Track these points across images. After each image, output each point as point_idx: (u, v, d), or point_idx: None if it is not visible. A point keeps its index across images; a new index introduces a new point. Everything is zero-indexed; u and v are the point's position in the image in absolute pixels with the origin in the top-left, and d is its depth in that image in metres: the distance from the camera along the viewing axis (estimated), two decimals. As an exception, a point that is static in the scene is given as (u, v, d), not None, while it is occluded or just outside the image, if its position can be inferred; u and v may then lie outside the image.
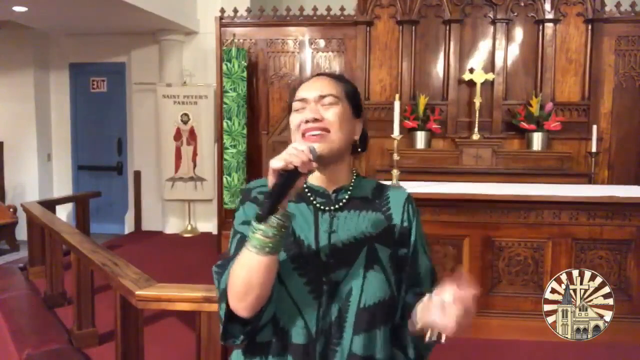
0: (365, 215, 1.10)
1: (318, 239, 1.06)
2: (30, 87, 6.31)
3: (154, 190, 6.32)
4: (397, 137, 3.57)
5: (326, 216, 1.09)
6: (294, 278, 1.03)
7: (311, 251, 1.05)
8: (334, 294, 1.04)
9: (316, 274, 1.04)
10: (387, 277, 1.07)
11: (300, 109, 1.10)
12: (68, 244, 3.02)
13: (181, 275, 4.26)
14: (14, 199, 6.10)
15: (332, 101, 1.08)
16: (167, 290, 1.93)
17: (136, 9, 4.89)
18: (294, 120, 1.10)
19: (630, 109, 5.20)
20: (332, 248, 1.05)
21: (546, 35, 5.19)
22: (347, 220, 1.09)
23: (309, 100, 1.09)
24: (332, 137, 1.07)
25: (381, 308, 1.06)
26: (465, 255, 3.28)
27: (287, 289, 1.03)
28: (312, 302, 1.03)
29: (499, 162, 5.08)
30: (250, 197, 1.12)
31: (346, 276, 1.04)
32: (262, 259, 0.94)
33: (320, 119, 1.07)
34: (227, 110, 5.38)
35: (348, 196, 1.11)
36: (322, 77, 1.14)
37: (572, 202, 3.19)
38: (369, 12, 5.38)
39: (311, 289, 1.03)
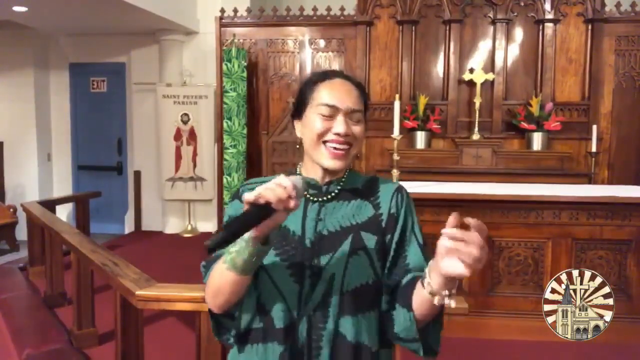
0: (354, 204, 1.11)
1: (304, 227, 1.08)
2: (30, 87, 6.31)
3: (154, 190, 6.32)
4: (397, 137, 3.58)
5: (315, 206, 1.10)
6: (276, 263, 1.05)
7: (295, 237, 1.07)
8: (318, 279, 1.04)
9: (299, 258, 1.05)
10: (372, 262, 1.07)
11: (328, 116, 1.08)
12: (68, 244, 3.02)
13: (181, 275, 4.25)
14: (14, 199, 6.10)
15: (360, 118, 1.10)
16: (167, 290, 1.93)
17: (136, 9, 4.89)
18: (317, 126, 1.08)
19: (630, 109, 5.20)
20: (317, 235, 1.07)
21: (546, 35, 5.19)
22: (335, 210, 1.10)
23: (340, 110, 1.08)
24: (352, 152, 1.10)
25: (365, 292, 1.05)
26: (465, 255, 3.27)
27: (269, 274, 1.05)
28: (294, 286, 1.04)
29: (499, 162, 5.08)
30: (239, 194, 1.14)
31: (329, 261, 1.05)
32: (233, 275, 0.96)
33: (350, 134, 1.08)
34: (227, 110, 5.37)
35: (339, 188, 1.12)
36: (347, 84, 1.11)
37: (572, 202, 3.19)
38: (369, 12, 5.38)
39: (292, 273, 1.04)
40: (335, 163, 1.08)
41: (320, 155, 1.09)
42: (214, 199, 5.93)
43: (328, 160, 1.08)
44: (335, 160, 1.08)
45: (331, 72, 1.14)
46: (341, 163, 1.09)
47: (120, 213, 6.56)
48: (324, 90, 1.09)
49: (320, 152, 1.09)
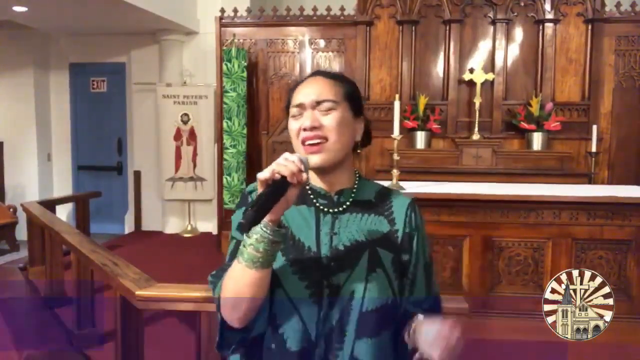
0: (368, 218, 1.07)
1: (319, 241, 1.04)
2: (30, 87, 6.31)
3: (154, 190, 6.32)
4: (397, 137, 3.57)
5: (328, 218, 1.06)
6: (294, 282, 1.01)
7: (311, 253, 1.02)
8: (335, 298, 1.00)
9: (317, 276, 1.01)
10: (390, 281, 1.04)
11: (297, 115, 1.06)
12: (68, 244, 3.02)
13: (181, 275, 4.26)
14: (14, 199, 6.09)
15: (330, 106, 1.04)
16: (167, 290, 1.93)
17: (136, 9, 4.89)
18: (293, 127, 1.07)
19: (630, 109, 5.20)
20: (333, 251, 1.03)
21: (546, 35, 5.19)
22: (349, 223, 1.06)
23: (305, 105, 1.05)
24: (330, 146, 1.03)
25: (384, 312, 1.03)
26: (465, 255, 3.28)
27: (286, 293, 1.00)
28: (312, 306, 1.00)
29: (499, 162, 5.08)
30: (247, 201, 1.09)
31: (348, 279, 1.01)
32: (252, 272, 0.92)
33: (318, 126, 1.03)
34: (227, 110, 5.37)
35: (352, 199, 1.08)
36: (318, 78, 1.09)
37: (572, 202, 3.19)
38: (369, 12, 5.38)
39: (311, 293, 1.00)
40: (312, 159, 1.02)
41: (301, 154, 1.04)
42: (214, 199, 5.93)
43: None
44: (311, 156, 1.03)
45: (310, 74, 1.13)
46: (318, 158, 1.03)
47: (120, 213, 6.56)
48: (296, 94, 1.08)
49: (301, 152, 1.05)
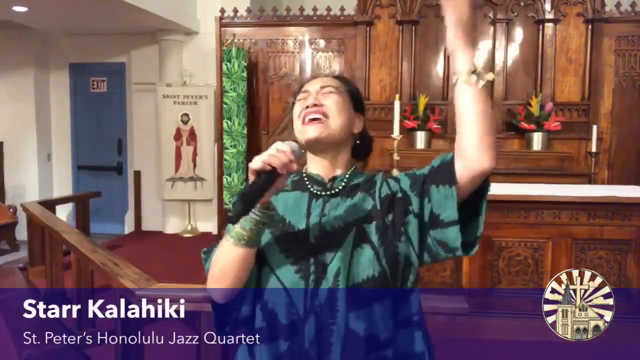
0: (354, 199, 1.12)
1: (308, 223, 1.09)
2: (30, 87, 6.30)
3: (154, 190, 6.31)
4: (397, 137, 3.58)
5: (319, 202, 1.12)
6: (281, 260, 1.06)
7: (300, 233, 1.08)
8: (323, 275, 1.05)
9: (304, 255, 1.06)
10: (377, 254, 1.06)
11: (302, 99, 1.16)
12: (68, 244, 3.02)
13: (181, 275, 4.26)
14: (14, 199, 6.10)
15: (331, 90, 1.15)
16: (167, 291, 1.93)
17: (136, 9, 4.89)
18: (296, 110, 1.16)
19: (630, 109, 5.20)
20: (321, 230, 1.08)
21: (546, 35, 5.19)
22: (338, 206, 1.11)
23: (310, 91, 1.16)
24: (330, 122, 1.12)
25: (372, 285, 1.06)
26: (465, 255, 3.28)
27: (274, 272, 1.06)
28: (299, 282, 1.05)
29: (499, 162, 4.96)
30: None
31: (334, 257, 1.05)
32: (238, 250, 1.00)
33: (320, 104, 1.12)
34: (227, 110, 5.38)
35: (344, 184, 1.14)
36: (322, 76, 1.22)
37: (572, 202, 3.19)
38: (369, 12, 5.38)
39: (297, 269, 1.05)
40: (308, 130, 1.11)
41: (301, 132, 1.13)
42: (214, 199, 5.93)
43: (304, 131, 1.11)
44: (307, 127, 1.11)
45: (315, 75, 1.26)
46: (315, 130, 1.10)
47: (120, 213, 6.56)
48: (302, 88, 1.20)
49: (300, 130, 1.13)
